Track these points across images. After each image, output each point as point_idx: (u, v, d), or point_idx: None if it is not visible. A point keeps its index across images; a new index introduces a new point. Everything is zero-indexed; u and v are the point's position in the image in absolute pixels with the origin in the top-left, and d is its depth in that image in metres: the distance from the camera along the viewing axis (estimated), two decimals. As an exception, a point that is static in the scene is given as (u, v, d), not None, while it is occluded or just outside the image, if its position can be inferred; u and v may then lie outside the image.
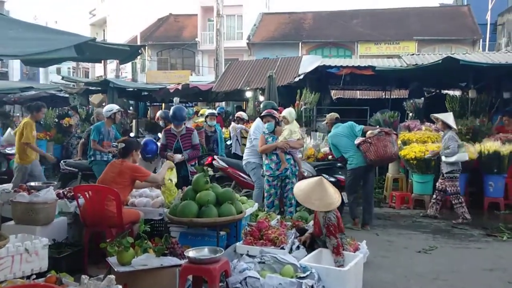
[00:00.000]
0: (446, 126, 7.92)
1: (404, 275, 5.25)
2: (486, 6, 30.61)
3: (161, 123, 9.59)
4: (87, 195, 5.05)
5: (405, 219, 8.07)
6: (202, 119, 10.63)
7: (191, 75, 31.08)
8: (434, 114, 8.28)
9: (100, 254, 4.69)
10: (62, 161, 8.74)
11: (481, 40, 29.77)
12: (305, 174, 7.40)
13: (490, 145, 8.44)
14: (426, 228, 7.40)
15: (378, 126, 8.90)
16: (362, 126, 7.52)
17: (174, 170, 5.89)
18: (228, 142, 10.72)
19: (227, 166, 7.97)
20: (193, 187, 4.98)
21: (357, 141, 7.23)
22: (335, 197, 4.74)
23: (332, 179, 7.45)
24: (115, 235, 4.70)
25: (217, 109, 15.35)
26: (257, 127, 7.45)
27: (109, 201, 4.97)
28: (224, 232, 5.07)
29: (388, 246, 6.42)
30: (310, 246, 4.96)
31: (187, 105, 19.21)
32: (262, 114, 7.17)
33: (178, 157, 6.74)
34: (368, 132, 7.22)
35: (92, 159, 7.83)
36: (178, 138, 6.96)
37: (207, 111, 10.24)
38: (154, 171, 6.80)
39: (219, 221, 4.69)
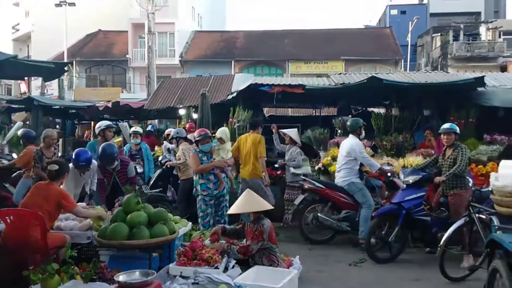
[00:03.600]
0: (292, 141, 8.63)
1: (336, 288, 5.38)
2: (406, 28, 32.66)
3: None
4: (8, 220, 4.74)
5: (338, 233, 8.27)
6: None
7: (122, 92, 30.42)
8: (283, 130, 9.06)
9: (24, 283, 4.40)
10: None
11: (402, 60, 31.61)
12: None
13: (412, 159, 8.89)
14: (357, 241, 7.62)
15: None
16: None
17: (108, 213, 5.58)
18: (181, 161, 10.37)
19: (324, 187, 7.55)
20: (123, 208, 4.83)
21: None
22: (266, 201, 5.20)
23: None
24: (39, 261, 4.44)
25: (149, 127, 15.09)
26: (357, 145, 7.34)
27: (33, 226, 4.69)
28: (157, 254, 4.95)
29: (322, 260, 6.55)
30: (245, 263, 4.98)
31: (117, 123, 18.72)
32: (197, 139, 7.00)
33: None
34: None
35: None
36: (114, 174, 6.68)
37: (131, 129, 9.90)
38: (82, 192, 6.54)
39: (151, 242, 4.58)
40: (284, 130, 9.03)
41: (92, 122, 18.72)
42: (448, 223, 6.22)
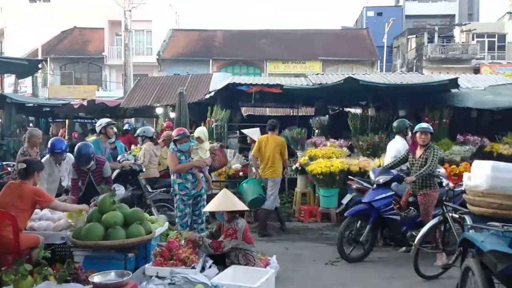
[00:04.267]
0: (253, 141, 8.62)
1: (312, 287, 5.41)
2: (383, 30, 33.06)
3: None
4: (-21, 220, 4.62)
5: (313, 232, 8.33)
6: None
7: (98, 90, 30.00)
8: (243, 130, 9.24)
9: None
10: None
11: (378, 61, 32.00)
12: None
13: (387, 159, 9.01)
14: (332, 240, 7.65)
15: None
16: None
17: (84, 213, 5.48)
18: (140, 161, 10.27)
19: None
20: (98, 208, 4.76)
21: None
22: (240, 202, 5.28)
23: None
24: (12, 262, 4.34)
25: (126, 126, 14.92)
26: (404, 146, 7.20)
27: (5, 226, 4.58)
28: (133, 254, 4.90)
29: (298, 259, 6.58)
30: (222, 262, 4.98)
31: (93, 121, 18.47)
32: (175, 138, 6.95)
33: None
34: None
35: None
36: (89, 174, 6.52)
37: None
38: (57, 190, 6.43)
39: (126, 243, 4.53)
40: (245, 130, 9.07)
41: (67, 120, 18.43)
42: (417, 222, 6.34)
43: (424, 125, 6.48)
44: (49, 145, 6.45)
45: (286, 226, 8.49)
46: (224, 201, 5.10)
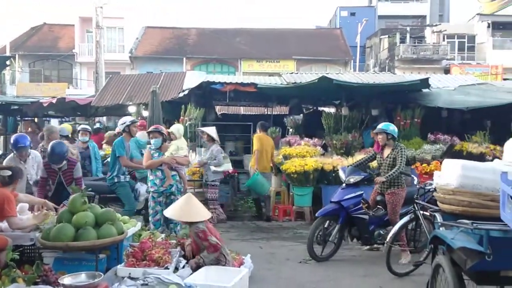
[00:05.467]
0: (211, 139, 8.67)
1: (286, 286, 5.42)
2: (356, 30, 33.40)
3: None
4: None
5: (287, 231, 8.36)
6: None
7: (68, 88, 29.41)
8: (201, 128, 9.27)
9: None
10: None
11: (352, 61, 32.31)
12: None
13: (360, 158, 9.10)
14: (306, 239, 7.66)
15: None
16: (146, 140, 7.96)
17: (52, 214, 5.33)
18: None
19: None
20: (69, 208, 4.66)
21: None
22: (203, 210, 5.21)
23: None
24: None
25: (97, 125, 14.67)
26: None
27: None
28: (104, 255, 4.81)
29: (272, 258, 6.59)
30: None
31: (63, 119, 18.11)
32: (149, 130, 7.02)
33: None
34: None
35: (116, 180, 7.09)
36: (59, 174, 6.41)
37: (80, 127, 9.60)
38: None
39: (98, 243, 4.45)
40: (203, 128, 9.07)
41: (36, 119, 17.99)
42: (384, 221, 6.43)
43: (379, 125, 6.59)
44: (12, 141, 6.38)
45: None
46: (185, 209, 5.08)
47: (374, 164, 7.45)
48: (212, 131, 8.75)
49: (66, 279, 3.73)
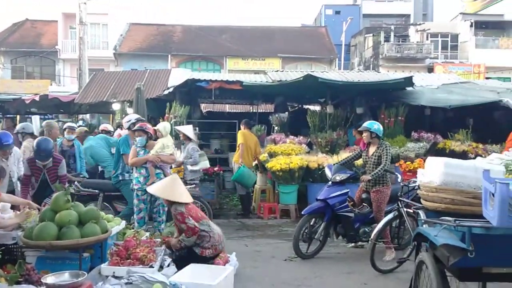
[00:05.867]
0: (187, 138, 8.64)
1: (271, 283, 5.43)
2: (341, 28, 33.55)
3: None
4: None
5: (272, 229, 8.38)
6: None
7: (51, 85, 29.00)
8: (176, 127, 9.30)
9: None
10: (76, 182, 7.36)
11: (337, 59, 32.45)
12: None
13: (345, 156, 9.16)
14: (291, 237, 7.69)
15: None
16: (116, 138, 8.32)
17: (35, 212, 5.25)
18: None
19: None
20: (51, 207, 4.60)
21: None
22: (186, 193, 5.34)
23: None
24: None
25: (80, 122, 14.51)
26: None
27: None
28: (88, 254, 4.77)
29: (257, 256, 6.60)
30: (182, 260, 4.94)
31: (46, 117, 17.86)
32: (134, 128, 6.97)
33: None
34: None
35: (120, 178, 7.11)
36: (44, 171, 6.34)
37: (66, 124, 9.52)
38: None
39: (81, 242, 4.40)
40: (178, 127, 9.05)
41: (18, 116, 17.74)
42: (369, 218, 6.48)
43: (364, 124, 6.65)
44: None
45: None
46: (169, 188, 5.22)
47: (359, 162, 7.53)
48: (188, 130, 8.70)
49: (49, 278, 3.69)
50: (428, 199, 3.92)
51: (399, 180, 6.68)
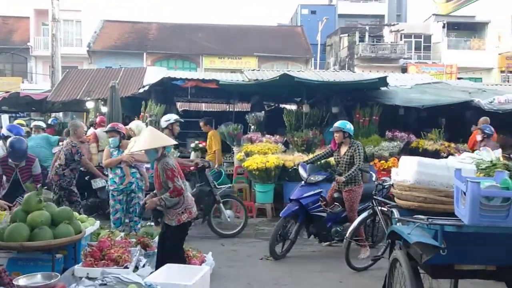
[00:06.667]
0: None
1: (247, 283, 5.44)
2: (316, 28, 33.76)
3: None
4: None
5: (248, 228, 8.36)
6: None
7: (23, 82, 28.39)
8: (129, 125, 9.28)
9: None
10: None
11: (313, 58, 32.64)
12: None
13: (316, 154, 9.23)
14: (267, 236, 7.73)
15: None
16: (57, 137, 8.60)
17: (5, 213, 5.12)
18: None
19: None
20: (23, 207, 4.50)
21: None
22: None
23: None
24: None
25: (50, 120, 14.25)
26: None
27: None
28: (61, 255, 4.68)
29: (233, 255, 6.60)
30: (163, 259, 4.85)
31: (17, 115, 17.48)
32: (105, 130, 6.90)
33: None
34: None
35: None
36: (16, 170, 6.20)
37: (33, 123, 9.35)
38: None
39: (54, 243, 4.32)
40: (130, 125, 8.95)
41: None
42: (342, 217, 6.54)
43: (336, 124, 6.70)
44: None
45: None
46: (150, 139, 4.87)
47: (333, 161, 7.59)
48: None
49: (21, 280, 3.61)
50: (402, 197, 3.98)
51: (373, 178, 6.76)
